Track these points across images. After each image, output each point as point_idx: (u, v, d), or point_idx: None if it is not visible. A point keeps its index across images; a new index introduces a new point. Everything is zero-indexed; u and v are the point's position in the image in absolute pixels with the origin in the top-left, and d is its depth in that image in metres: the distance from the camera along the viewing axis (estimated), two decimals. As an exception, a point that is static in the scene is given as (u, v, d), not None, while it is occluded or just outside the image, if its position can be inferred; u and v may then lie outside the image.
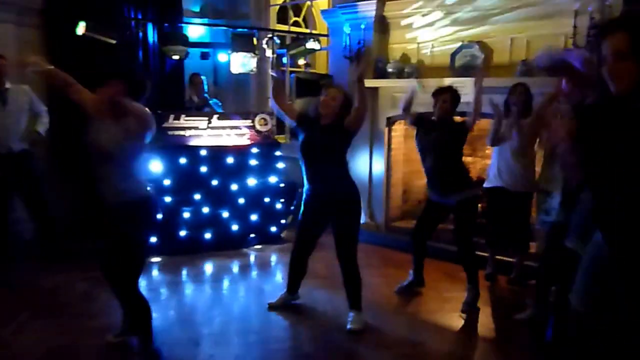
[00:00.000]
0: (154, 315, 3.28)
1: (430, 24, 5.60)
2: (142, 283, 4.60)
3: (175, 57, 6.32)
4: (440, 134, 4.09)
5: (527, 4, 4.91)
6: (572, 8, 4.46)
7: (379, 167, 6.11)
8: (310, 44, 6.35)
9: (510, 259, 4.78)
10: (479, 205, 4.54)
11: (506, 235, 4.55)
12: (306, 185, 3.86)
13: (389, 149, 6.05)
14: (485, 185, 4.67)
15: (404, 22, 5.79)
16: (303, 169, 3.84)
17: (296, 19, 8.09)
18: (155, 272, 4.95)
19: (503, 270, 4.77)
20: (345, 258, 3.82)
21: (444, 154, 4.09)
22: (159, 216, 5.23)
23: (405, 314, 4.12)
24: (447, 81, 5.10)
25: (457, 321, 3.98)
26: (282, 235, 5.96)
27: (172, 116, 5.45)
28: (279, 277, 4.94)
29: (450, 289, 4.56)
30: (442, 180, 4.13)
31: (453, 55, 5.36)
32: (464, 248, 4.14)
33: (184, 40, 6.32)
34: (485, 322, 3.99)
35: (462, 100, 4.29)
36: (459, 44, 5.35)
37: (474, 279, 4.12)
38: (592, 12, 4.38)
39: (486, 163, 4.79)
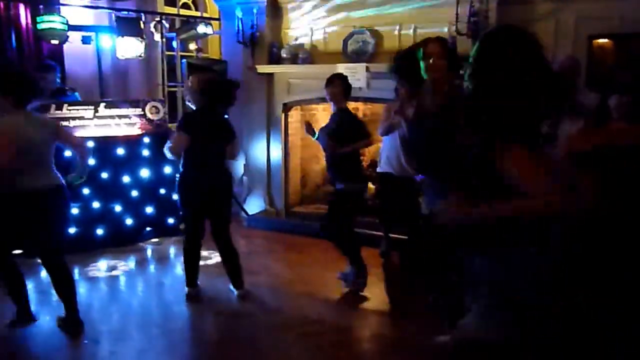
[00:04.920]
0: (46, 318, 3.10)
1: (322, 10, 5.66)
2: (30, 285, 4.30)
3: (54, 41, 5.87)
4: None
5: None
6: (453, -3, 4.73)
7: (276, 153, 6.12)
8: (201, 28, 6.19)
9: (404, 237, 5.01)
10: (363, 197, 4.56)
11: (397, 215, 4.80)
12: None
13: (286, 135, 6.08)
14: (377, 169, 4.90)
15: (296, 7, 5.81)
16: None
17: (186, 1, 7.82)
18: (43, 273, 4.60)
19: (397, 247, 5.01)
20: None
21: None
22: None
23: (305, 295, 4.20)
24: (340, 67, 5.23)
25: (354, 298, 4.13)
26: (181, 226, 5.81)
27: (54, 106, 5.08)
28: (179, 269, 4.82)
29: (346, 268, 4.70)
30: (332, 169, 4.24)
31: (345, 40, 5.47)
32: (336, 234, 4.19)
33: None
34: (380, 296, 4.18)
35: (354, 85, 4.41)
36: (351, 29, 5.47)
37: (353, 259, 4.19)
38: (472, 1, 4.69)
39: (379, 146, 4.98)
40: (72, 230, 5.08)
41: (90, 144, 5.11)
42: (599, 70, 4.88)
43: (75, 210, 5.09)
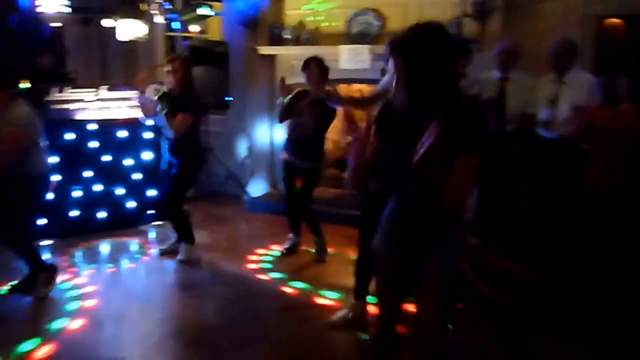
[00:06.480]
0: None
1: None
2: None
3: (55, 23, 5.82)
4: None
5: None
6: (459, -24, 4.63)
7: (279, 135, 6.06)
8: (203, 10, 6.10)
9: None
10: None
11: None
12: None
13: (289, 117, 6.01)
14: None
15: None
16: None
17: (187, -18, 7.71)
18: (46, 256, 4.62)
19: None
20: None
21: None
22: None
23: (309, 278, 4.18)
24: (344, 48, 5.16)
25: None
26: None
27: (55, 89, 5.05)
28: (181, 252, 4.81)
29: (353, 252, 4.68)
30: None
31: (349, 22, 5.38)
32: (304, 208, 4.49)
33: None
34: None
35: (357, 67, 4.35)
36: (355, 10, 5.38)
37: (317, 231, 4.54)
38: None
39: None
40: (74, 213, 5.07)
41: (93, 126, 5.10)
42: (609, 51, 4.79)
43: (77, 193, 5.08)
